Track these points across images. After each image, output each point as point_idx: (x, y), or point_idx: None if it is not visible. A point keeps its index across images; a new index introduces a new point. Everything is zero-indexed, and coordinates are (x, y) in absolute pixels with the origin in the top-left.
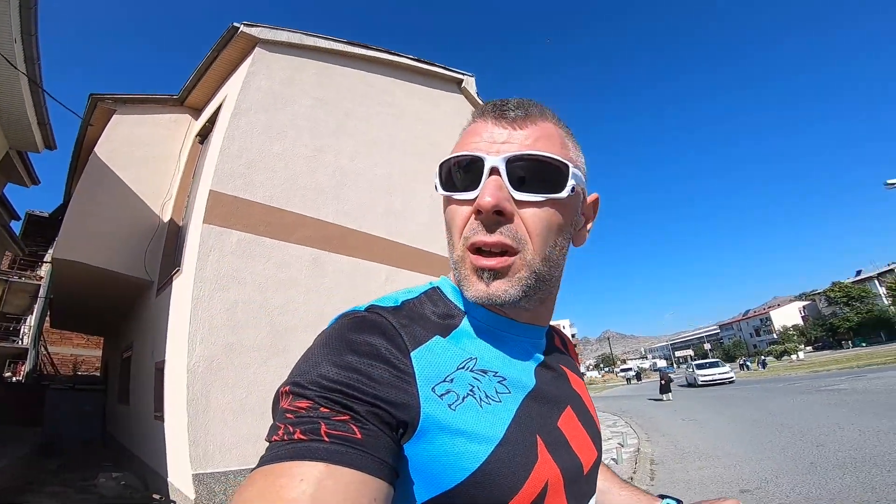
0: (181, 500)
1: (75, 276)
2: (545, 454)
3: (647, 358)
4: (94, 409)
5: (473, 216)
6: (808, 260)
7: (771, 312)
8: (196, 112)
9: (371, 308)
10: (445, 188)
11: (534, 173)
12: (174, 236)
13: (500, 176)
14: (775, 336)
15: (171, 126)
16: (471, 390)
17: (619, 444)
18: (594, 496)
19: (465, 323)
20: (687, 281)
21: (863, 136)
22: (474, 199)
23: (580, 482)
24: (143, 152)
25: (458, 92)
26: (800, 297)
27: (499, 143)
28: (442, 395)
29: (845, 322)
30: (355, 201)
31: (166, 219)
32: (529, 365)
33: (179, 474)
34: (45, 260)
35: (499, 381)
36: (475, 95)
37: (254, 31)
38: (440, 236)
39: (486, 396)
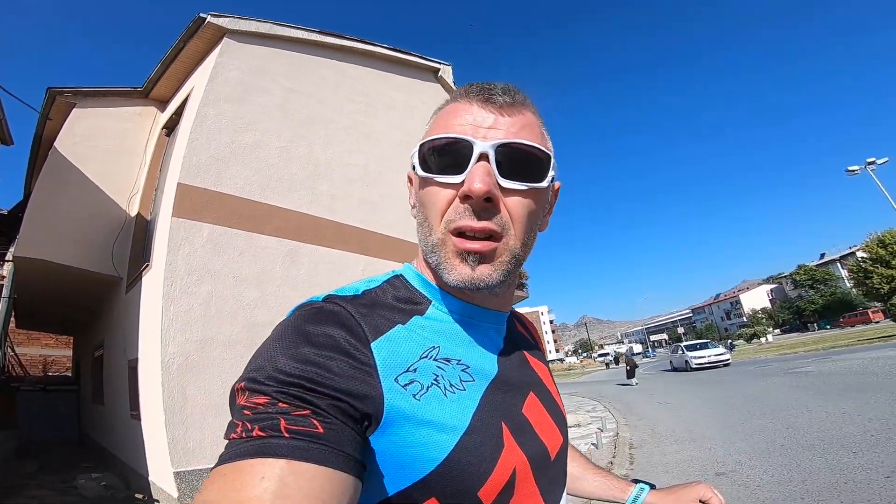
0: (164, 499)
1: (39, 275)
2: (511, 441)
3: (623, 342)
4: (68, 409)
5: (458, 200)
6: (776, 244)
7: (741, 296)
8: (162, 104)
9: (329, 298)
10: (425, 169)
11: (519, 162)
12: (142, 231)
13: (489, 162)
14: (745, 319)
15: (136, 119)
16: (435, 379)
17: (598, 428)
18: (565, 482)
19: (429, 310)
20: (661, 266)
21: (826, 126)
22: (459, 183)
23: (548, 468)
24: (106, 146)
25: (435, 81)
26: (768, 281)
27: (485, 128)
28: (406, 385)
29: (811, 305)
30: (330, 192)
31: (133, 213)
32: (493, 352)
33: (161, 473)
34: (6, 258)
35: (462, 370)
36: (452, 85)
37: (221, 22)
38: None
39: (451, 385)
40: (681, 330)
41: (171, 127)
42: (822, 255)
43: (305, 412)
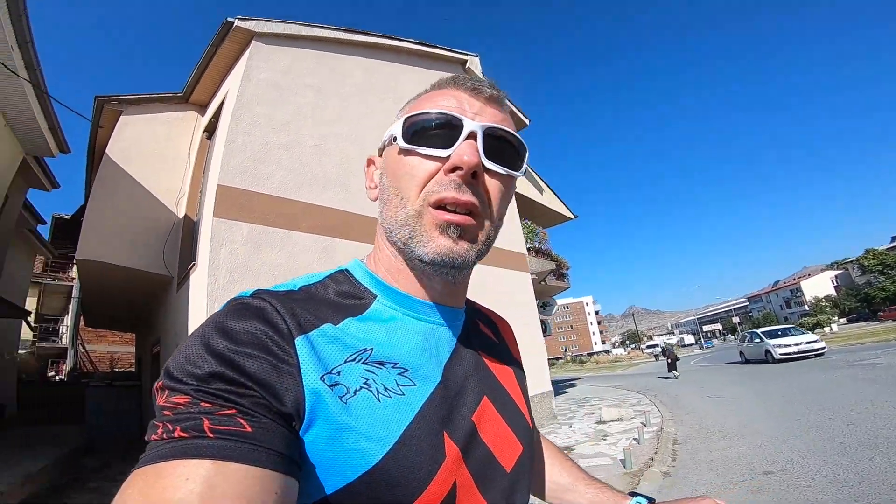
0: None
1: (99, 276)
2: (454, 452)
3: (674, 333)
4: (130, 405)
5: (443, 173)
6: (840, 226)
7: (802, 283)
8: (202, 108)
9: (257, 293)
10: (408, 141)
11: (500, 148)
12: (190, 231)
13: (476, 142)
14: (807, 308)
15: (178, 123)
16: (365, 383)
17: (641, 423)
18: (527, 495)
19: (372, 306)
20: (714, 253)
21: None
22: (445, 158)
23: (500, 480)
24: (152, 151)
25: (463, 72)
26: (831, 267)
27: (472, 113)
28: (332, 385)
29: (881, 292)
30: (362, 187)
31: (181, 215)
32: (442, 352)
33: None
34: (73, 261)
35: (400, 373)
36: (481, 75)
37: (249, 25)
38: None
39: (386, 389)
40: (736, 320)
41: (211, 130)
42: (894, 238)
43: (230, 411)
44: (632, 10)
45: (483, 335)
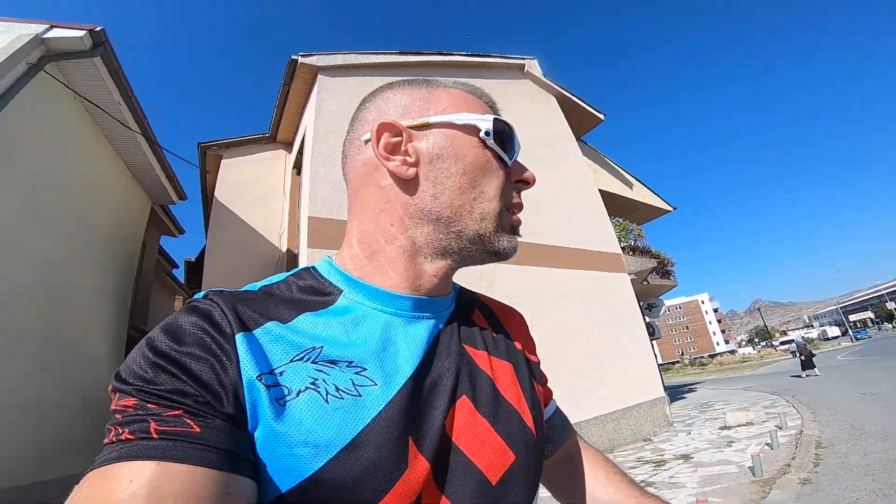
0: None
1: None
2: (420, 461)
3: (812, 326)
4: None
5: (511, 182)
6: None
7: None
8: (288, 146)
9: (207, 294)
10: (497, 143)
11: None
12: (293, 263)
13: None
14: None
15: (271, 163)
16: (312, 383)
17: (776, 426)
18: None
19: (336, 303)
20: (853, 232)
21: None
22: (509, 168)
23: (480, 493)
24: (253, 191)
25: (523, 77)
26: None
27: None
28: (269, 386)
29: None
30: None
31: (284, 249)
32: (415, 347)
33: None
34: None
35: (356, 372)
36: (542, 77)
37: (312, 61)
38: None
39: (337, 390)
40: (891, 305)
41: (298, 166)
42: None
43: (177, 412)
44: None
45: (476, 327)
